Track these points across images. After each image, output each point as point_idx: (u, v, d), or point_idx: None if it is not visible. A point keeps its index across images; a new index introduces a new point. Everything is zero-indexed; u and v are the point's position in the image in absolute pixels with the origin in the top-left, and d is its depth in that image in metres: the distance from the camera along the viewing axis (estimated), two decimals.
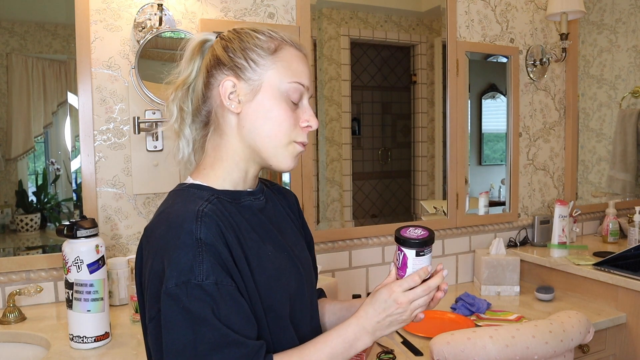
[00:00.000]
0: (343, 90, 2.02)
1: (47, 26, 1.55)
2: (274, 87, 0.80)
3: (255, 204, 0.84)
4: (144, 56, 1.52)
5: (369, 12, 2.05)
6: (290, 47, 0.83)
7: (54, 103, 1.59)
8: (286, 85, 0.80)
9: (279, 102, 0.80)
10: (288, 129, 0.80)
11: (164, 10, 1.56)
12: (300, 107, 0.82)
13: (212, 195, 0.78)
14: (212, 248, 0.70)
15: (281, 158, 0.81)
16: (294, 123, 0.81)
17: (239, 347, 0.69)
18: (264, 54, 0.80)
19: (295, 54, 0.82)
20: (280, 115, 0.80)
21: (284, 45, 0.82)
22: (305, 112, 0.82)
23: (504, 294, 1.92)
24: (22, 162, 1.57)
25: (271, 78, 0.80)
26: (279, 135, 0.80)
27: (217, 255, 0.71)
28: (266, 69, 0.80)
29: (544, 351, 1.27)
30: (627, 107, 2.68)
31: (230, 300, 0.70)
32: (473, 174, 2.25)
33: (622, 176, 2.66)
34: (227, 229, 0.74)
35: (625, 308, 1.71)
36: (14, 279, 1.49)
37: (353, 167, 2.07)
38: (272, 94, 0.80)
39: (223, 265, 0.71)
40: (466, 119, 2.14)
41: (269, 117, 0.80)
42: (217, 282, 0.69)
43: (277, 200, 0.93)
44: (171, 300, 0.68)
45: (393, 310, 0.78)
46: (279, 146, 0.80)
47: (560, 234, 2.02)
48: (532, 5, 2.29)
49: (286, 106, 0.80)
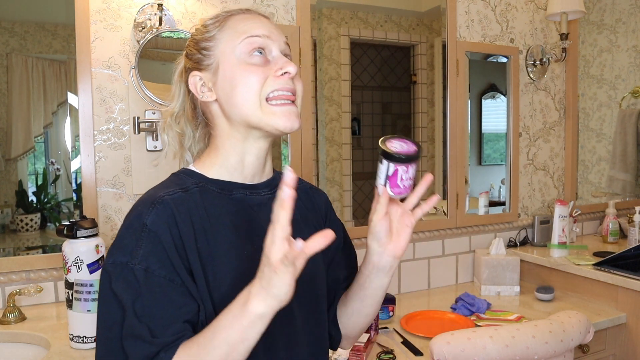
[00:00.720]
0: (343, 90, 2.02)
1: (47, 26, 1.55)
2: (228, 56, 0.77)
3: (251, 198, 0.80)
4: (144, 56, 1.52)
5: (369, 12, 2.05)
6: (235, 15, 0.80)
7: (54, 103, 1.59)
8: (238, 48, 0.76)
9: (237, 67, 0.76)
10: (257, 86, 0.74)
11: (164, 10, 1.56)
12: (271, 61, 0.77)
13: (196, 183, 0.77)
14: (154, 235, 0.68)
15: (268, 118, 0.75)
16: (263, 77, 0.75)
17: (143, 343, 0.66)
18: (210, 36, 0.79)
19: (240, 17, 0.79)
20: (243, 78, 0.75)
21: (228, 18, 0.79)
22: (278, 62, 0.76)
23: (504, 294, 1.92)
24: (22, 162, 1.57)
25: (223, 51, 0.77)
26: (250, 97, 0.75)
27: (158, 243, 0.68)
28: (217, 47, 0.78)
29: (544, 351, 1.27)
30: (627, 107, 2.68)
31: (158, 291, 0.67)
32: (473, 174, 2.25)
33: (622, 176, 2.66)
34: (184, 221, 0.71)
35: (625, 308, 1.71)
36: (14, 279, 1.49)
37: (353, 167, 2.06)
38: (229, 63, 0.76)
39: (162, 255, 0.68)
40: (466, 119, 2.14)
41: (235, 85, 0.75)
42: (147, 269, 0.67)
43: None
44: (106, 277, 0.69)
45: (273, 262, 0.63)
46: (258, 107, 0.75)
47: (560, 234, 2.02)
48: (532, 5, 2.29)
49: (247, 67, 0.75)
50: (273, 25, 0.80)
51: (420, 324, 1.62)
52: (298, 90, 0.78)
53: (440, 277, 2.09)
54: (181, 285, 0.69)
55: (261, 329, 0.63)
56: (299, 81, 0.79)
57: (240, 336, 0.63)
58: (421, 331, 1.53)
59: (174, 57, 1.70)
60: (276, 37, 0.78)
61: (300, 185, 0.90)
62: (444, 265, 2.10)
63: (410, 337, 1.52)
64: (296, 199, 0.83)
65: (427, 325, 1.61)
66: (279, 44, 0.78)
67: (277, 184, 0.83)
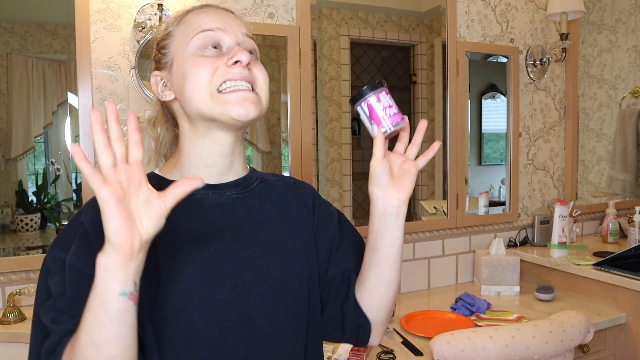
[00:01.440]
0: (343, 90, 2.02)
1: (47, 26, 1.55)
2: (181, 52, 0.74)
3: (212, 199, 0.75)
4: (144, 56, 1.52)
5: (369, 12, 2.05)
6: (192, 11, 0.77)
7: (54, 103, 1.59)
8: (191, 43, 0.73)
9: (190, 59, 0.73)
10: (205, 76, 0.71)
11: (164, 10, 1.56)
12: (225, 53, 0.73)
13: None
14: (86, 233, 0.67)
15: (220, 107, 0.71)
16: (213, 68, 0.71)
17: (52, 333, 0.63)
18: (167, 33, 0.78)
19: (196, 12, 0.77)
20: (192, 70, 0.72)
21: (185, 14, 0.77)
22: (230, 52, 0.73)
23: (504, 294, 1.92)
24: (22, 162, 1.57)
25: (177, 47, 0.75)
26: (200, 89, 0.71)
27: (89, 241, 0.66)
28: (172, 44, 0.76)
29: (544, 351, 1.27)
30: (627, 107, 2.68)
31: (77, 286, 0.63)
32: (473, 174, 2.25)
33: (622, 176, 2.66)
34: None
35: (625, 308, 1.71)
36: (14, 279, 1.49)
37: (353, 167, 2.06)
38: (182, 59, 0.74)
39: (94, 254, 0.58)
40: (466, 119, 2.14)
41: (185, 79, 0.72)
42: (73, 265, 0.65)
43: (272, 196, 0.83)
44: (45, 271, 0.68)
45: None
46: (208, 97, 0.71)
47: (560, 234, 2.02)
48: (532, 5, 2.29)
49: (198, 58, 0.72)
50: (231, 18, 0.76)
51: (420, 324, 1.62)
52: (258, 78, 0.74)
53: (440, 277, 2.09)
54: None
55: (114, 285, 0.55)
56: (259, 69, 0.75)
57: (96, 298, 0.56)
58: (421, 331, 1.53)
59: None
60: (232, 28, 0.75)
61: (283, 181, 0.87)
62: (444, 265, 2.10)
63: (410, 337, 1.52)
64: (275, 194, 0.83)
65: (427, 325, 1.61)
66: (235, 35, 0.75)
67: (249, 183, 0.80)
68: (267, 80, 0.76)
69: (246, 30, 0.77)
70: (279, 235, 0.79)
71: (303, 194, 0.87)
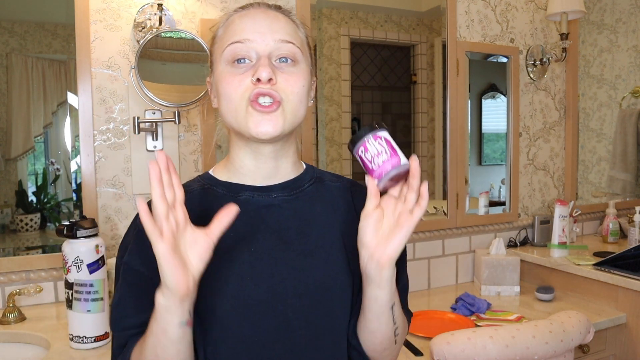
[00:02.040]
0: (343, 90, 2.02)
1: (47, 26, 1.55)
2: (217, 63, 0.75)
3: (258, 200, 0.76)
4: (144, 56, 1.51)
5: (369, 12, 2.05)
6: (235, 13, 0.76)
7: (54, 103, 1.59)
8: (223, 55, 0.73)
9: (222, 74, 0.73)
10: (235, 95, 0.71)
11: (164, 10, 1.56)
12: (254, 65, 0.72)
13: (202, 185, 0.78)
14: (142, 234, 0.67)
15: (245, 128, 0.71)
16: (242, 84, 0.71)
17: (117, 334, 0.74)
18: (211, 42, 0.78)
19: (236, 16, 0.75)
20: (224, 87, 0.72)
21: (229, 17, 0.77)
22: (255, 67, 0.71)
23: (504, 294, 1.92)
24: (22, 162, 1.57)
25: (216, 57, 0.76)
26: (230, 108, 0.72)
27: (145, 240, 0.65)
28: (214, 51, 0.77)
29: (544, 351, 1.27)
30: (627, 107, 2.68)
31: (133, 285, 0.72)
32: (473, 174, 2.24)
33: (622, 176, 2.66)
34: None
35: (625, 308, 1.71)
36: (13, 279, 1.49)
37: (353, 167, 2.06)
38: (217, 71, 0.75)
39: (148, 253, 0.63)
40: (466, 119, 2.14)
41: (220, 94, 0.74)
42: (128, 262, 0.72)
43: (326, 197, 0.81)
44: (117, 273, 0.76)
45: None
46: (237, 118, 0.72)
47: (561, 234, 2.02)
48: (532, 5, 2.29)
49: (228, 75, 0.72)
50: (269, 21, 0.74)
51: (420, 324, 1.62)
52: (285, 89, 0.72)
53: (440, 277, 2.09)
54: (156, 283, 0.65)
55: (174, 319, 0.63)
56: (288, 77, 0.72)
57: (158, 327, 0.64)
58: (421, 331, 1.53)
59: (174, 57, 1.70)
60: (263, 37, 0.72)
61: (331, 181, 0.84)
62: (444, 265, 2.10)
63: (410, 337, 1.51)
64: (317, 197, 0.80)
65: (427, 325, 1.61)
66: (266, 45, 0.72)
67: (300, 184, 0.80)
68: (298, 87, 0.73)
69: (283, 34, 0.74)
70: (326, 239, 0.77)
71: (357, 200, 0.82)
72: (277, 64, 0.73)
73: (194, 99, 1.55)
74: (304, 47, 0.77)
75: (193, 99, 1.55)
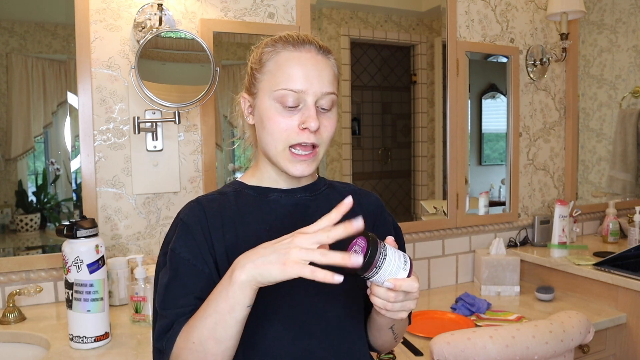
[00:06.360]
0: (343, 90, 2.02)
1: (47, 26, 1.55)
2: (265, 95, 0.82)
3: (286, 199, 0.87)
4: (144, 56, 1.51)
5: (369, 12, 2.05)
6: (285, 50, 0.81)
7: (54, 103, 1.59)
8: (274, 94, 0.80)
9: (270, 111, 0.81)
10: (280, 135, 0.80)
11: (163, 10, 1.56)
12: (302, 109, 0.80)
13: (234, 189, 0.88)
14: (185, 226, 0.81)
15: (282, 164, 0.82)
16: (289, 128, 0.80)
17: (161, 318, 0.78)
18: (260, 65, 0.83)
19: (287, 57, 0.81)
20: (271, 124, 0.81)
21: (279, 51, 0.82)
22: (304, 114, 0.80)
23: (504, 294, 1.92)
24: (22, 162, 1.57)
25: (264, 87, 0.82)
26: (272, 142, 0.81)
27: (188, 232, 0.80)
28: (261, 81, 0.83)
29: (544, 351, 1.27)
30: (627, 107, 2.68)
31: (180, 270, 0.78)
32: (473, 174, 2.24)
33: (623, 176, 2.66)
34: (214, 215, 0.82)
35: (625, 308, 1.71)
36: (13, 279, 1.49)
37: (353, 167, 2.06)
38: (264, 103, 0.82)
39: (191, 242, 0.79)
40: (466, 119, 2.14)
41: (264, 126, 0.82)
42: (174, 249, 0.79)
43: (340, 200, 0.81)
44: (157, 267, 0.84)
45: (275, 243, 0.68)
46: (277, 153, 0.82)
47: (561, 234, 2.02)
48: (532, 5, 2.29)
49: (276, 114, 0.80)
50: (319, 71, 0.80)
51: (420, 324, 1.62)
52: (323, 135, 0.82)
53: (441, 277, 2.09)
54: (202, 271, 0.78)
55: (245, 300, 0.68)
56: (327, 124, 0.82)
57: (227, 305, 0.68)
58: (421, 331, 1.53)
59: (173, 57, 1.70)
60: (314, 88, 0.79)
61: (341, 187, 0.98)
62: (444, 265, 2.10)
63: (410, 337, 1.51)
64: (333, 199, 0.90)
65: (427, 325, 1.61)
66: (315, 96, 0.80)
67: (318, 188, 0.91)
68: (333, 131, 0.83)
69: (328, 86, 0.81)
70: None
71: (365, 202, 0.94)
72: (318, 110, 0.81)
73: (194, 99, 1.55)
74: (337, 88, 0.85)
75: (193, 99, 1.55)
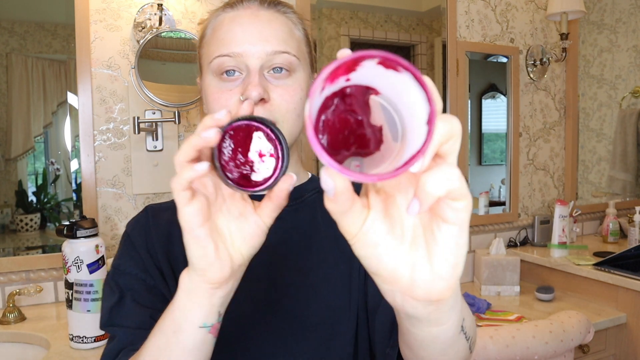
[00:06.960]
0: None
1: (47, 26, 1.55)
2: (206, 73, 0.69)
3: None
4: (144, 56, 1.51)
5: (369, 12, 2.05)
6: (224, 12, 0.68)
7: (54, 103, 1.59)
8: (210, 66, 0.66)
9: (209, 88, 0.67)
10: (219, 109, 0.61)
11: (164, 10, 1.56)
12: (245, 79, 0.65)
13: None
14: (128, 238, 0.73)
15: None
16: (229, 104, 0.65)
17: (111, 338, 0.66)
18: (199, 42, 0.72)
19: (225, 19, 0.67)
20: (211, 103, 0.67)
21: (218, 15, 0.69)
22: (245, 82, 0.64)
23: (504, 294, 1.92)
24: (22, 162, 1.57)
25: (204, 62, 0.69)
26: None
27: (131, 245, 0.72)
28: (202, 54, 0.71)
29: (544, 351, 1.27)
30: (627, 107, 2.68)
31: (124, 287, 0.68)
32: (473, 174, 2.24)
33: (623, 176, 2.66)
34: (161, 225, 0.72)
35: (625, 308, 1.71)
36: (13, 279, 1.49)
37: None
38: (206, 81, 0.69)
39: (135, 256, 0.70)
40: (466, 119, 2.14)
41: (207, 105, 0.69)
42: (118, 267, 0.70)
43: (322, 213, 0.73)
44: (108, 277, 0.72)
45: None
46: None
47: (561, 234, 2.02)
48: (532, 5, 2.29)
49: (216, 89, 0.66)
50: (261, 29, 0.65)
51: None
52: (280, 111, 0.65)
53: None
54: (150, 285, 0.68)
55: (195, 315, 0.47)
56: (282, 92, 0.65)
57: (173, 323, 0.49)
58: None
59: (174, 57, 1.69)
60: (253, 50, 0.64)
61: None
62: None
63: None
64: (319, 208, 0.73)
65: None
66: (258, 58, 0.64)
67: (301, 194, 0.74)
68: (295, 102, 0.66)
69: (276, 44, 0.65)
70: (327, 256, 0.72)
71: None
72: (270, 75, 0.65)
73: (194, 99, 1.55)
74: (301, 50, 0.69)
75: (193, 99, 1.55)
